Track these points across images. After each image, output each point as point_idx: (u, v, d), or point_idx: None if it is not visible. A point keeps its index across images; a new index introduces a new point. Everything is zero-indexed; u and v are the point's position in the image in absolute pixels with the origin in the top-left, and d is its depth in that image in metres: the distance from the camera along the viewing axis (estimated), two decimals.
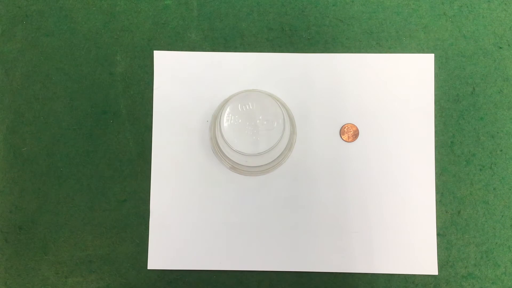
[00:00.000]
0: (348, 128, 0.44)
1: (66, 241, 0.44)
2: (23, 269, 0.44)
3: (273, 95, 0.43)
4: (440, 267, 0.43)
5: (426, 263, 0.43)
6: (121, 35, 0.46)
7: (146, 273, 0.44)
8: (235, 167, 0.43)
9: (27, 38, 0.46)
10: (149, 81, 0.45)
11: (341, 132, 0.44)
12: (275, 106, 0.41)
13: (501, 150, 0.44)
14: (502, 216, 0.44)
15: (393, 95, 0.45)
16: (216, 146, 0.43)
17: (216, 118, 0.42)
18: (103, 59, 0.45)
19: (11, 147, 0.45)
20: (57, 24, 0.46)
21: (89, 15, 0.46)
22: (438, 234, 0.44)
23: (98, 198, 0.45)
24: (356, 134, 0.44)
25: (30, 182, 0.45)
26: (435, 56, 0.45)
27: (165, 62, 0.45)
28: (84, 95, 0.45)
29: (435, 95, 0.45)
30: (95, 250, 0.44)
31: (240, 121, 0.40)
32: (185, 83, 0.45)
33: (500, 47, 0.45)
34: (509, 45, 0.45)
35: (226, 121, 0.40)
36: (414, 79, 0.45)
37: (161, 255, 0.44)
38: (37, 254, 0.44)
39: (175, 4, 0.46)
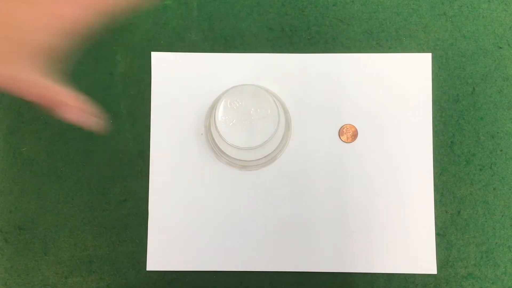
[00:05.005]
0: (347, 128, 0.44)
1: (66, 241, 0.44)
2: (23, 269, 0.44)
3: (266, 89, 0.43)
4: (440, 267, 0.43)
5: (425, 263, 0.43)
6: (121, 35, 0.46)
7: (146, 273, 0.44)
8: (232, 163, 0.43)
9: None
10: (149, 81, 0.45)
11: (340, 132, 0.44)
12: (268, 97, 0.41)
13: (501, 150, 0.44)
14: (502, 216, 0.44)
15: (392, 95, 0.45)
16: (212, 141, 0.43)
17: (211, 113, 0.42)
18: (103, 59, 0.46)
19: (11, 147, 0.45)
20: None
21: None
22: (438, 234, 0.44)
23: (98, 198, 0.45)
24: (355, 135, 0.44)
25: (30, 182, 0.45)
26: (435, 56, 0.45)
27: (163, 63, 0.45)
28: (84, 95, 0.45)
29: (435, 95, 0.45)
30: (95, 250, 0.44)
31: (235, 114, 0.41)
32: (183, 84, 0.45)
33: (500, 47, 0.45)
34: (509, 45, 0.45)
35: (221, 115, 0.40)
36: (412, 79, 0.45)
37: (160, 256, 0.44)
38: (37, 254, 0.44)
39: (175, 4, 0.46)
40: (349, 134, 0.44)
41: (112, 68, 0.45)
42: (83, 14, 0.30)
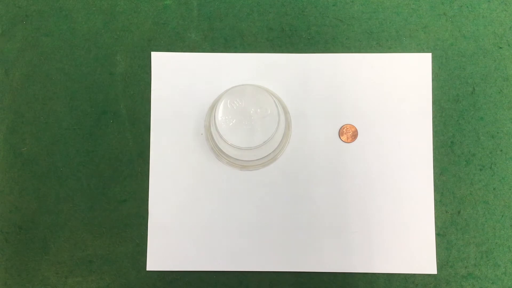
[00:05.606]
0: (347, 128, 0.44)
1: (66, 241, 0.44)
2: (23, 269, 0.44)
3: (266, 89, 0.43)
4: (440, 267, 0.43)
5: (425, 263, 0.43)
6: (121, 35, 0.46)
7: (146, 273, 0.44)
8: (232, 163, 0.43)
9: (27, 38, 0.46)
10: (149, 81, 0.45)
11: (340, 132, 0.44)
12: (268, 97, 0.41)
13: (501, 150, 0.44)
14: (502, 216, 0.44)
15: (392, 95, 0.45)
16: (212, 141, 0.43)
17: (211, 113, 0.42)
18: (103, 59, 0.46)
19: (11, 147, 0.45)
20: (57, 24, 0.46)
21: (89, 15, 0.46)
22: (438, 234, 0.44)
23: (98, 198, 0.45)
24: (355, 135, 0.44)
25: (30, 182, 0.45)
26: (435, 56, 0.45)
27: (163, 63, 0.45)
28: (84, 95, 0.45)
29: (435, 95, 0.45)
30: (95, 250, 0.44)
31: (235, 114, 0.41)
32: (183, 84, 0.45)
33: (500, 47, 0.45)
34: (509, 45, 0.45)
35: (221, 115, 0.40)
36: (412, 79, 0.45)
37: (160, 257, 0.44)
38: (37, 254, 0.44)
39: (175, 4, 0.46)
40: (349, 134, 0.44)
41: (112, 68, 0.45)
42: None
